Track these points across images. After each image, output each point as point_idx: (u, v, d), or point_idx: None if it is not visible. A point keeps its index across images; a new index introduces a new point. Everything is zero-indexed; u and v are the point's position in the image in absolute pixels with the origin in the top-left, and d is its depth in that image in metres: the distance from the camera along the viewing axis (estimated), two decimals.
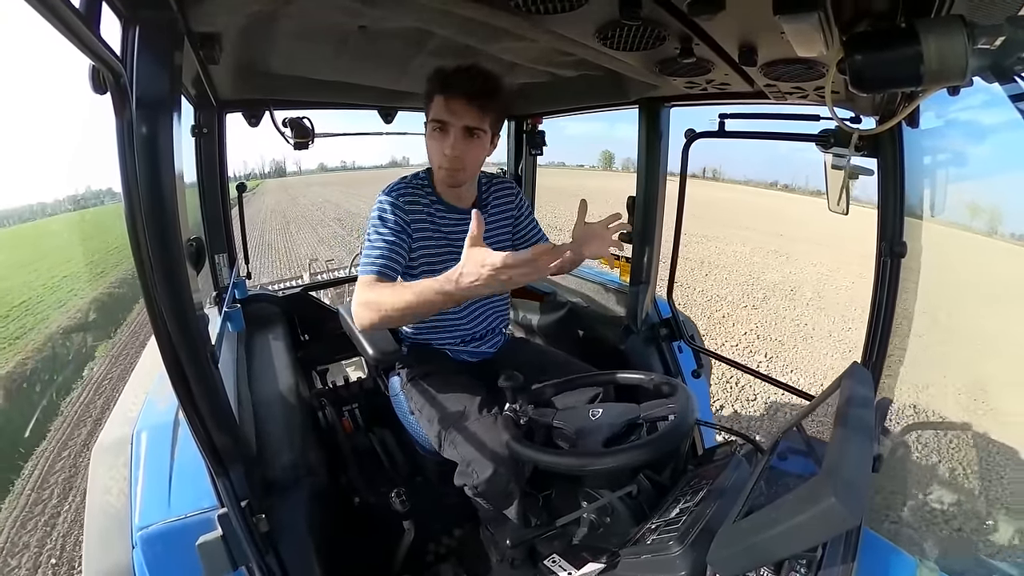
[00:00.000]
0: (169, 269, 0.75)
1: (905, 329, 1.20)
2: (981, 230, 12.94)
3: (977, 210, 11.88)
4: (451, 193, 1.34)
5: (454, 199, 1.35)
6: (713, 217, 14.70)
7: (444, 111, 1.18)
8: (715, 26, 0.85)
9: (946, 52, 0.60)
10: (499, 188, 1.45)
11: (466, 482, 1.15)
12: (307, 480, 1.15)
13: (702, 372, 1.76)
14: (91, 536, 1.00)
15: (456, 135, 1.19)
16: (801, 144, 1.22)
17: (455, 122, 1.18)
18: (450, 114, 1.17)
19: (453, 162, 1.22)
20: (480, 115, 1.19)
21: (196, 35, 0.97)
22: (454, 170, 1.24)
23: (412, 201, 1.28)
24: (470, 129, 1.20)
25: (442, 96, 1.18)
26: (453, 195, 1.35)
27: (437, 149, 1.22)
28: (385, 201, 1.26)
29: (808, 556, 0.70)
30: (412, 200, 1.29)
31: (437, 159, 1.24)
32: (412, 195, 1.29)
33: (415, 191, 1.30)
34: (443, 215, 1.33)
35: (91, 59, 0.62)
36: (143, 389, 1.30)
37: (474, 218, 0.93)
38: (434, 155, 1.24)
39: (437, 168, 1.26)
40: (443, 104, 1.18)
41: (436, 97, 1.19)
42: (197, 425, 0.86)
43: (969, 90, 0.76)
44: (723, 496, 0.87)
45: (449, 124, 1.19)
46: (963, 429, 3.29)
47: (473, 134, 1.20)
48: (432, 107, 1.20)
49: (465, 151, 1.21)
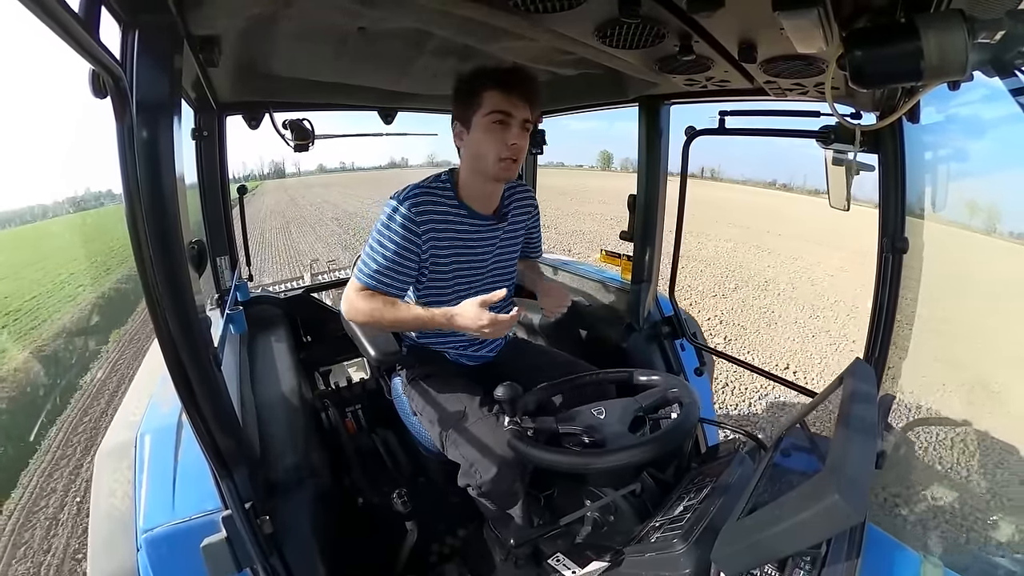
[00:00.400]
0: (171, 272, 0.75)
1: (907, 325, 1.20)
2: (979, 228, 12.91)
3: (977, 207, 11.86)
4: (480, 196, 1.31)
5: (480, 204, 1.32)
6: (704, 215, 14.66)
7: (506, 103, 1.19)
8: (714, 23, 0.85)
9: (946, 47, 0.60)
10: (521, 195, 1.45)
11: (470, 482, 1.15)
12: (311, 481, 1.15)
13: (704, 370, 1.76)
14: (96, 539, 1.00)
15: (518, 126, 1.21)
16: (799, 142, 1.22)
17: (517, 114, 1.20)
18: (512, 106, 1.20)
19: (515, 152, 1.22)
20: (531, 110, 1.23)
21: (195, 38, 0.97)
22: (514, 161, 1.24)
23: (427, 209, 1.24)
24: (527, 123, 1.23)
25: (500, 91, 1.19)
26: (481, 200, 1.32)
27: (497, 141, 1.21)
28: (394, 209, 1.23)
29: (812, 553, 0.70)
30: (428, 207, 1.24)
31: (496, 150, 1.21)
32: (428, 202, 1.25)
33: (433, 196, 1.26)
34: (463, 220, 1.30)
35: (91, 63, 0.62)
36: (146, 392, 1.30)
37: (496, 295, 1.13)
38: (492, 147, 1.21)
39: (496, 160, 1.22)
40: (503, 97, 1.19)
41: (491, 92, 1.20)
42: (200, 427, 0.86)
43: (969, 85, 0.76)
44: (727, 493, 0.87)
45: (512, 115, 1.20)
46: (966, 425, 3.28)
47: (527, 129, 1.24)
48: (486, 100, 1.20)
49: (521, 143, 1.23)
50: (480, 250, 1.35)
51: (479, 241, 1.34)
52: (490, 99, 1.19)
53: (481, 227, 1.33)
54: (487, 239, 1.35)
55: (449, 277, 1.32)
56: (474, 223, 1.32)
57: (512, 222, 1.41)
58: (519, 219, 1.44)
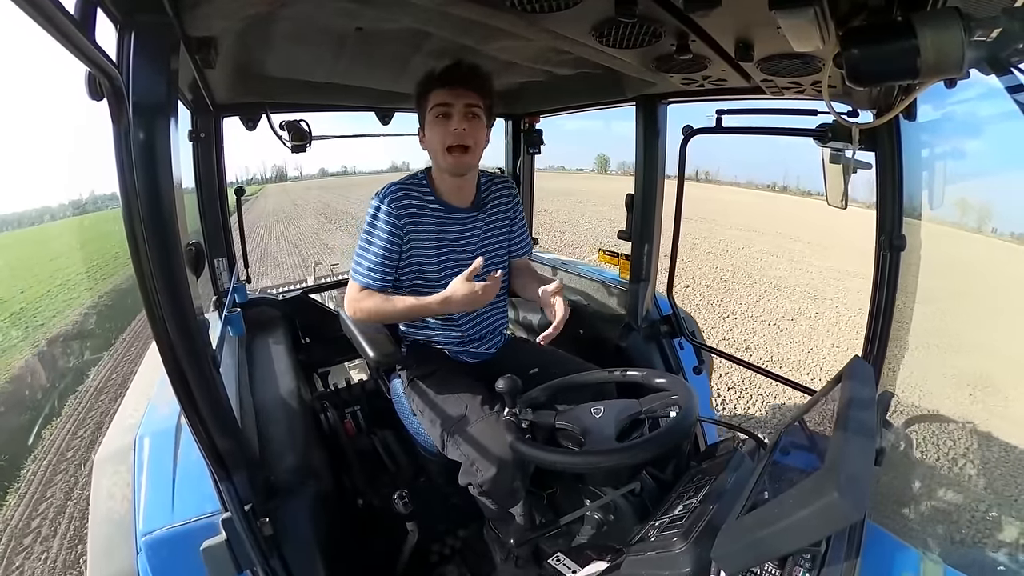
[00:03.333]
0: (169, 274, 0.75)
1: (906, 323, 1.20)
2: (977, 226, 12.93)
3: (972, 205, 11.87)
4: (452, 191, 1.35)
5: (455, 198, 1.36)
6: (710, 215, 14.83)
7: (446, 95, 1.24)
8: (711, 22, 0.85)
9: (942, 45, 0.60)
10: (498, 187, 1.47)
11: (470, 481, 1.15)
12: (310, 483, 1.15)
13: (703, 368, 1.76)
14: (96, 542, 1.00)
15: (459, 114, 1.25)
16: (793, 144, 1.22)
17: (457, 101, 1.24)
18: (452, 96, 1.24)
19: (460, 137, 1.25)
20: (478, 96, 1.26)
21: (192, 39, 0.96)
22: (462, 148, 1.26)
23: (406, 204, 1.30)
24: (471, 108, 1.26)
25: (440, 86, 1.25)
26: (454, 193, 1.36)
27: (442, 133, 1.26)
28: (376, 207, 1.29)
29: (812, 551, 0.70)
30: (406, 202, 1.30)
31: (443, 141, 1.26)
32: (406, 197, 1.30)
33: (410, 192, 1.32)
34: (441, 214, 1.34)
35: (87, 65, 0.62)
36: (144, 395, 1.30)
37: (476, 263, 1.18)
38: (439, 140, 1.27)
39: (445, 152, 1.27)
40: (444, 91, 1.25)
41: (435, 90, 1.26)
42: (199, 430, 0.86)
43: (966, 82, 0.76)
44: (726, 492, 0.87)
45: (452, 105, 1.25)
46: (965, 421, 3.29)
47: (474, 113, 1.26)
48: (431, 98, 1.27)
49: (469, 128, 1.26)
50: (463, 242, 1.38)
51: (460, 233, 1.38)
52: (434, 97, 1.26)
53: (460, 219, 1.37)
54: (468, 230, 1.39)
55: (438, 271, 1.34)
56: (452, 216, 1.36)
57: (492, 212, 1.44)
58: (499, 209, 1.46)
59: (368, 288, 1.30)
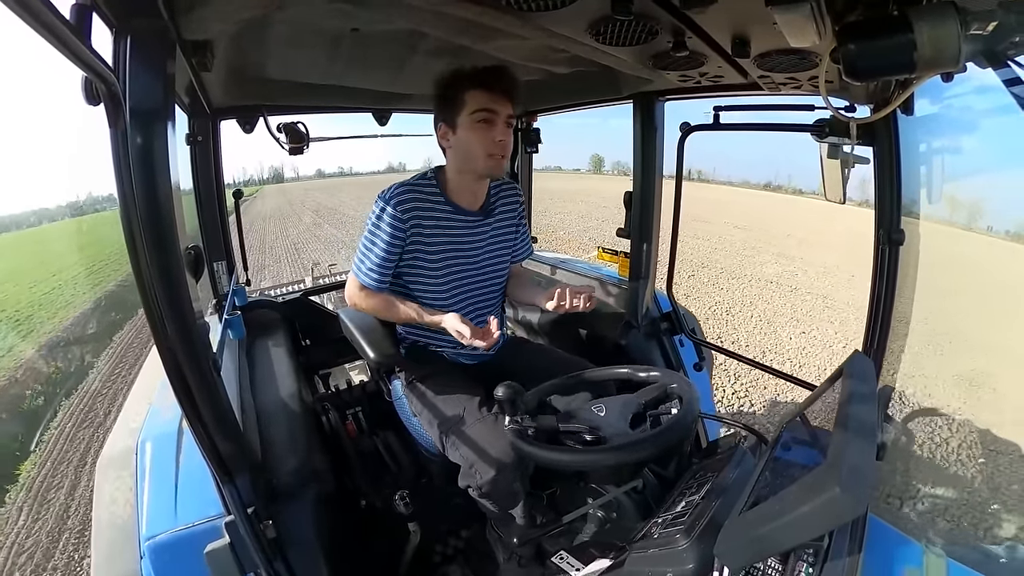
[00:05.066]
0: (168, 278, 0.75)
1: (905, 318, 1.20)
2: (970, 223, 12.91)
3: (968, 200, 11.85)
4: (466, 194, 1.35)
5: (466, 201, 1.36)
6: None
7: (490, 101, 1.23)
8: (707, 19, 0.85)
9: (939, 39, 0.60)
10: (507, 191, 1.47)
11: (470, 483, 1.15)
12: (312, 485, 1.15)
13: (704, 365, 1.76)
14: (99, 547, 1.00)
15: (502, 123, 1.25)
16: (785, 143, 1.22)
17: (502, 111, 1.24)
18: (495, 103, 1.24)
19: (502, 148, 1.26)
20: (513, 107, 1.27)
21: (188, 43, 0.96)
22: (501, 157, 1.28)
23: (412, 206, 1.28)
24: (510, 119, 1.27)
25: (483, 90, 1.23)
26: (467, 196, 1.35)
27: (484, 138, 1.25)
28: (381, 209, 1.27)
29: (815, 545, 0.70)
30: (412, 204, 1.28)
31: (484, 147, 1.25)
32: (413, 200, 1.28)
33: (418, 193, 1.30)
34: (450, 216, 1.33)
35: (83, 70, 0.62)
36: (146, 399, 1.30)
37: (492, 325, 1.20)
38: (479, 145, 1.25)
39: (485, 157, 1.26)
40: (487, 96, 1.23)
41: (474, 91, 1.23)
42: (201, 433, 0.86)
43: (963, 76, 0.76)
44: (728, 488, 0.87)
45: (496, 112, 1.24)
46: (965, 415, 3.30)
47: (511, 124, 1.28)
48: (470, 100, 1.24)
49: (507, 139, 1.27)
50: (470, 247, 1.37)
51: (468, 237, 1.37)
52: (474, 98, 1.23)
53: (469, 223, 1.36)
54: (476, 235, 1.38)
55: (442, 273, 1.34)
56: (462, 219, 1.35)
57: (500, 217, 1.43)
58: (507, 214, 1.46)
59: (367, 288, 1.32)
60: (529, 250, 1.59)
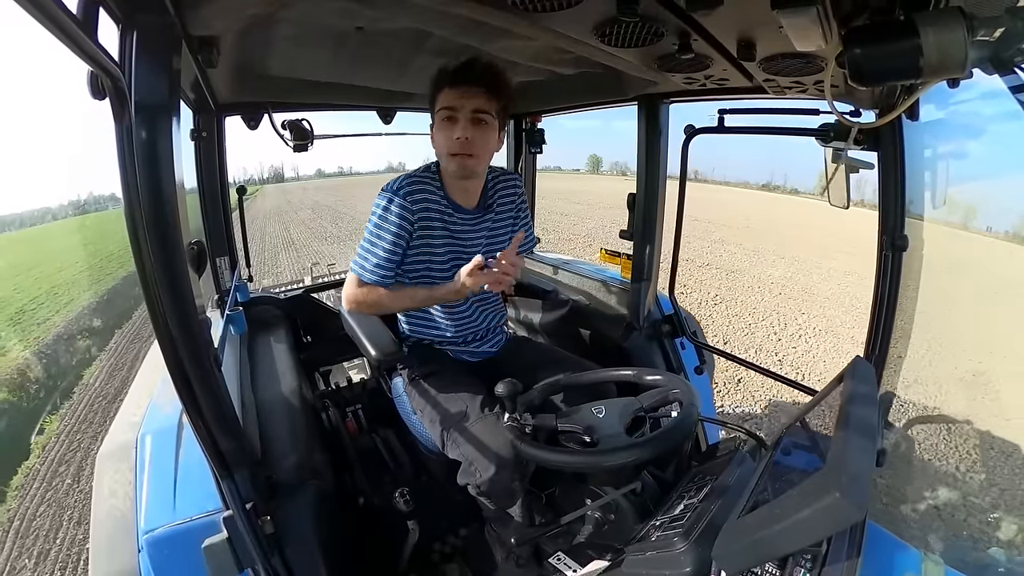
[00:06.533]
0: (171, 273, 0.75)
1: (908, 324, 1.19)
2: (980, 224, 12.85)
3: (975, 206, 11.80)
4: (460, 191, 1.33)
5: (461, 199, 1.34)
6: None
7: (454, 98, 1.20)
8: (713, 21, 0.85)
9: (945, 44, 0.60)
10: (504, 184, 1.44)
11: (469, 481, 1.15)
12: (312, 482, 1.15)
13: (705, 368, 1.76)
14: (97, 540, 1.01)
15: (465, 120, 1.21)
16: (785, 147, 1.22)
17: (464, 106, 1.20)
18: (459, 100, 1.20)
19: (463, 146, 1.21)
20: (487, 99, 1.21)
21: (194, 39, 0.97)
22: (464, 156, 1.23)
23: (420, 197, 1.26)
24: (478, 114, 1.21)
25: (449, 87, 1.21)
26: (461, 193, 1.33)
27: (446, 137, 1.22)
28: (388, 200, 1.24)
29: (813, 551, 0.70)
30: (420, 196, 1.26)
31: (446, 146, 1.23)
32: (421, 191, 1.26)
33: (425, 185, 1.28)
34: (451, 214, 1.32)
35: (89, 65, 0.62)
36: (146, 393, 1.30)
37: (476, 260, 1.17)
38: (443, 144, 1.24)
39: (448, 157, 1.24)
40: (453, 93, 1.21)
41: (444, 90, 1.22)
42: (201, 428, 0.86)
43: (969, 82, 0.76)
44: (727, 492, 0.87)
45: (457, 110, 1.21)
46: (966, 422, 3.29)
47: (481, 119, 1.22)
48: (439, 99, 1.23)
49: (474, 135, 1.22)
50: (470, 244, 1.36)
51: (468, 234, 1.36)
52: (442, 98, 1.22)
53: (467, 220, 1.35)
54: (476, 232, 1.37)
55: (448, 268, 1.33)
56: (460, 217, 1.34)
57: (499, 212, 1.42)
58: (506, 208, 1.44)
59: (369, 284, 1.27)
60: (532, 242, 1.58)
